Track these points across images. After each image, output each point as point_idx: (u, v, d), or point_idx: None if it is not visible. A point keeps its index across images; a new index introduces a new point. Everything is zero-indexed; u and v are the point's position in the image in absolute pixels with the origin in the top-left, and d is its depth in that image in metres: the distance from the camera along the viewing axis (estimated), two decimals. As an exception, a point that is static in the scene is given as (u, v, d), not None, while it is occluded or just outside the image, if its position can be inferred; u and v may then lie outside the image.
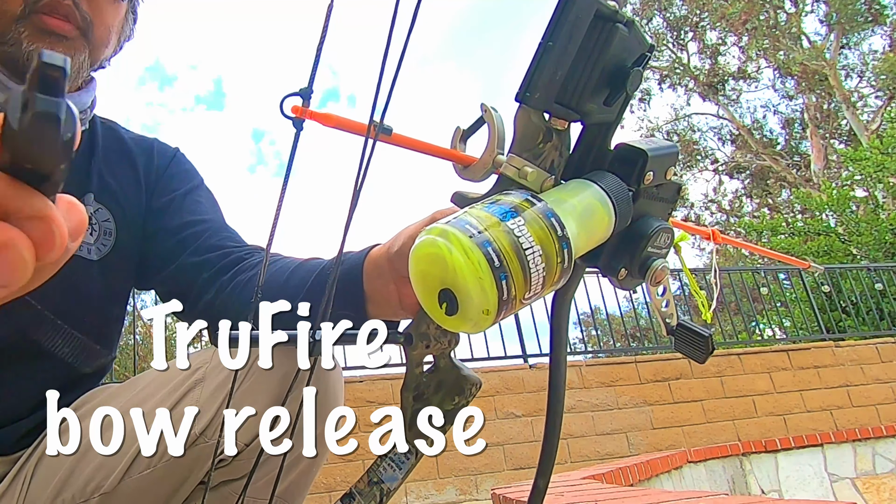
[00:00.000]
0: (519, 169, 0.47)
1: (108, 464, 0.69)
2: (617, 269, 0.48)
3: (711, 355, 0.53)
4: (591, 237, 0.44)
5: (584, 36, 0.43)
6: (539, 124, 0.46)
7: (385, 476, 0.58)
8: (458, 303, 0.39)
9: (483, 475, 4.22)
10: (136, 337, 7.00)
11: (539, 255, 0.39)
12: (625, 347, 7.16)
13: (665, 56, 18.62)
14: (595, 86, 0.44)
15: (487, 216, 0.40)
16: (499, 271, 0.38)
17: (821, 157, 16.16)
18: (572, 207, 0.43)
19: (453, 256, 0.38)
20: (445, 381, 0.57)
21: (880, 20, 16.05)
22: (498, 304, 0.38)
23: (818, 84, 16.72)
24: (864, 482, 4.36)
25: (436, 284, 0.40)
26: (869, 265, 7.36)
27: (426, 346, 0.56)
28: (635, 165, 0.47)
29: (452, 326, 0.42)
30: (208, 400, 0.69)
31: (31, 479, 0.72)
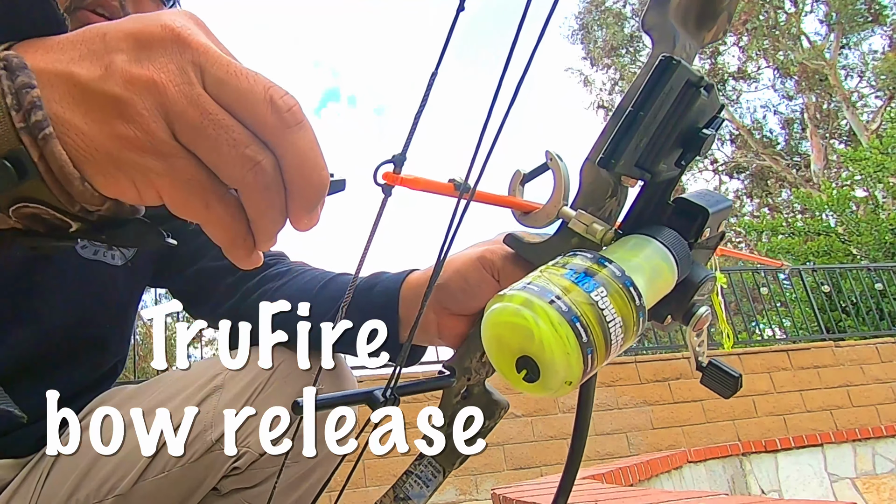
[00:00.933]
0: (588, 226, 0.47)
1: (123, 466, 0.69)
2: (664, 316, 0.48)
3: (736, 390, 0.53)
4: (657, 296, 0.45)
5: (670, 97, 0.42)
6: (609, 180, 0.46)
7: (412, 493, 0.58)
8: (540, 373, 0.39)
9: (483, 475, 4.23)
10: (135, 337, 7.00)
11: (620, 326, 0.39)
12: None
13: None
14: (671, 146, 0.44)
15: (570, 285, 0.39)
16: (586, 346, 0.37)
17: (821, 157, 16.16)
18: (640, 269, 0.43)
19: (540, 329, 0.37)
20: (476, 406, 0.58)
21: (880, 20, 16.05)
22: (581, 377, 0.38)
23: (818, 84, 16.73)
24: (864, 482, 4.36)
25: (515, 351, 0.39)
26: (869, 265, 7.36)
27: (468, 379, 0.57)
28: (695, 222, 0.46)
29: (529, 392, 0.41)
30: (227, 407, 0.68)
31: (46, 479, 0.73)
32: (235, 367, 0.71)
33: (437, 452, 0.56)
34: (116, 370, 0.88)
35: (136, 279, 0.86)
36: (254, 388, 0.69)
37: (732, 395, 0.53)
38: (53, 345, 0.78)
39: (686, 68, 0.42)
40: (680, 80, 0.42)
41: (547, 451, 4.42)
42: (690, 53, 0.45)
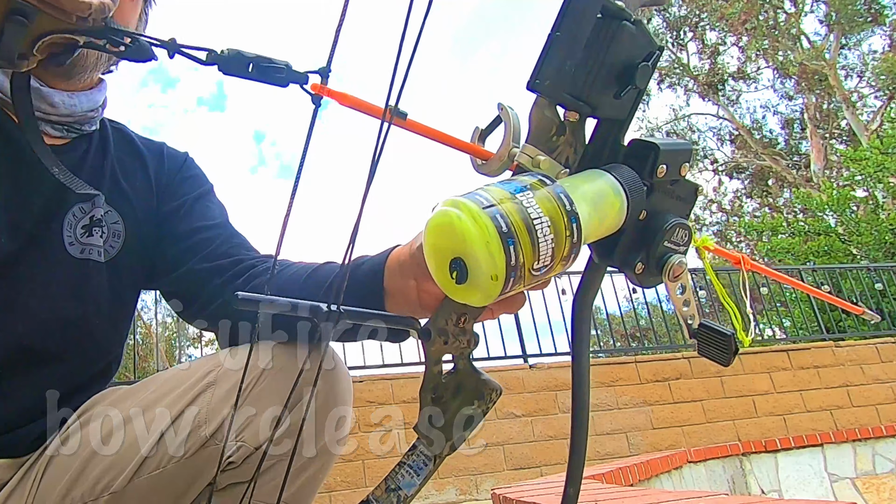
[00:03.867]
0: (532, 157, 0.48)
1: (117, 464, 0.69)
2: (633, 263, 0.50)
3: (736, 356, 0.52)
4: (603, 221, 0.46)
5: (591, 30, 0.45)
6: (552, 118, 0.48)
7: (403, 483, 0.58)
8: (468, 270, 0.41)
9: (483, 475, 4.23)
10: (136, 337, 7.00)
11: (547, 225, 0.41)
12: (625, 347, 7.15)
13: (664, 56, 18.62)
14: (605, 79, 0.46)
15: (499, 190, 0.42)
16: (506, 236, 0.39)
17: (821, 157, 16.16)
18: (584, 191, 0.45)
19: (463, 223, 0.40)
20: (464, 385, 0.57)
21: (880, 20, 16.05)
22: (506, 270, 0.40)
23: (818, 84, 16.72)
24: (864, 482, 4.36)
25: (447, 255, 0.42)
26: (869, 265, 7.36)
27: (444, 342, 0.56)
28: (647, 158, 0.48)
29: (462, 296, 0.43)
30: (219, 403, 0.69)
31: (42, 478, 0.73)
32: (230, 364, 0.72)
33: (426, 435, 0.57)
34: (110, 370, 0.88)
35: (121, 277, 0.86)
36: (247, 384, 0.69)
37: (731, 360, 0.52)
38: (43, 339, 0.78)
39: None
40: (594, 5, 0.44)
41: (547, 451, 4.42)
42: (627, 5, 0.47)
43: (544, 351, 5.10)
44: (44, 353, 0.79)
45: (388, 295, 0.69)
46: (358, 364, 4.52)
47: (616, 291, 5.57)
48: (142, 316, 12.29)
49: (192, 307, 0.86)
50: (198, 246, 0.87)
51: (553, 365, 4.81)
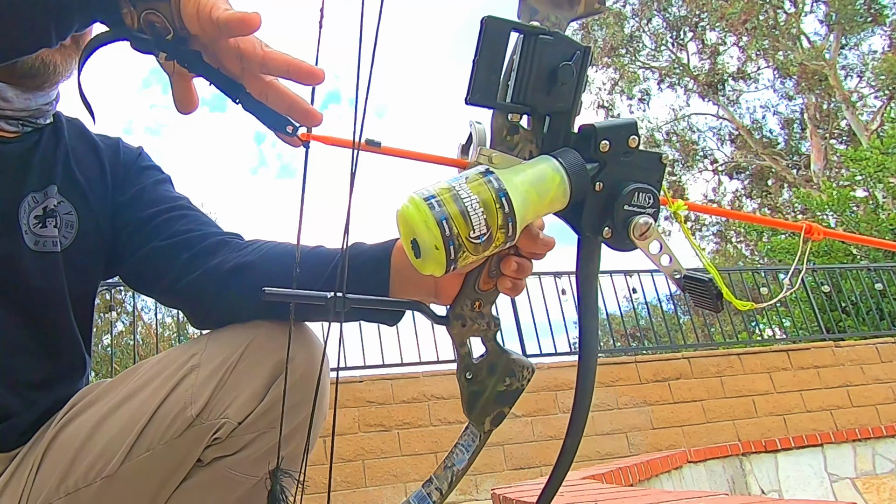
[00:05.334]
0: (488, 157, 0.57)
1: (110, 449, 0.72)
2: (601, 227, 0.58)
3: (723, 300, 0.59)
4: (544, 196, 0.55)
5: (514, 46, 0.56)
6: (502, 122, 0.57)
7: (456, 460, 0.66)
8: (420, 246, 0.52)
9: (483, 475, 4.23)
10: (136, 337, 7.00)
11: (476, 201, 0.52)
12: (625, 347, 7.16)
13: (664, 56, 18.63)
14: (536, 82, 0.55)
15: (440, 183, 0.53)
16: (439, 214, 0.51)
17: (821, 157, 16.16)
18: (523, 175, 0.55)
19: (410, 210, 0.52)
20: (496, 365, 0.64)
21: (880, 20, 16.05)
22: (443, 240, 0.51)
23: (818, 84, 16.73)
24: (864, 482, 4.36)
25: (409, 237, 0.53)
26: (869, 265, 7.36)
27: (462, 325, 0.64)
28: (590, 138, 0.57)
29: (422, 267, 0.54)
30: (203, 384, 0.73)
31: (38, 470, 0.75)
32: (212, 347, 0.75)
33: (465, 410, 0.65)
34: (83, 362, 0.89)
35: (75, 266, 0.86)
36: (229, 363, 0.73)
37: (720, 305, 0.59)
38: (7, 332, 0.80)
39: (507, 21, 0.55)
40: (502, 31, 0.54)
41: (547, 451, 4.42)
42: (556, 23, 0.57)
43: (544, 351, 5.11)
44: (10, 347, 0.80)
45: (400, 282, 0.74)
46: (358, 364, 4.52)
47: (616, 291, 5.57)
48: (142, 316, 12.28)
49: (158, 284, 0.86)
50: (161, 226, 0.88)
51: (553, 365, 4.81)
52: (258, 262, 0.79)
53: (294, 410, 0.74)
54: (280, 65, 0.58)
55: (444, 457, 0.66)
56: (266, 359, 0.73)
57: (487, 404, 0.64)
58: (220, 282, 0.79)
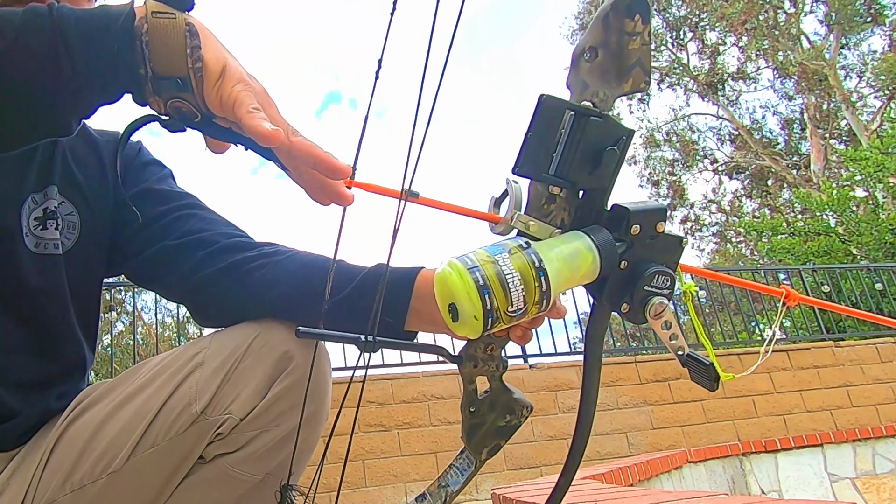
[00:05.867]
0: (525, 223, 0.60)
1: (115, 445, 0.73)
2: (619, 303, 0.61)
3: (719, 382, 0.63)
4: (576, 272, 0.58)
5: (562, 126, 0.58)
6: (542, 191, 0.61)
7: (451, 481, 0.70)
8: (458, 312, 0.54)
9: (483, 475, 4.23)
10: (136, 337, 7.01)
11: (518, 279, 0.54)
12: (625, 347, 7.15)
13: (664, 56, 18.62)
14: (580, 160, 0.58)
15: (484, 253, 0.55)
16: (483, 288, 0.53)
17: (821, 157, 16.16)
18: (559, 250, 0.58)
19: (453, 278, 0.54)
20: (498, 402, 0.70)
21: (879, 20, 16.05)
22: (483, 312, 0.53)
23: (818, 84, 16.73)
24: (864, 482, 4.36)
25: (446, 300, 0.56)
26: (869, 265, 7.36)
27: (474, 365, 0.68)
28: (622, 220, 0.60)
29: (458, 331, 0.56)
30: (207, 381, 0.74)
31: (45, 468, 0.76)
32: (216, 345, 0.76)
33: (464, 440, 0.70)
34: (84, 361, 0.89)
35: (78, 267, 0.87)
36: (233, 361, 0.74)
37: (716, 386, 0.63)
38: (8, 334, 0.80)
39: (564, 102, 0.57)
40: (558, 111, 0.57)
41: (547, 451, 4.42)
42: (604, 99, 0.59)
43: (544, 351, 5.11)
44: (9, 347, 0.80)
45: (411, 311, 0.78)
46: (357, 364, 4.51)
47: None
48: (142, 316, 12.29)
49: (167, 280, 0.88)
50: (171, 225, 0.88)
51: (553, 365, 4.81)
52: (280, 266, 0.81)
53: (293, 412, 0.75)
54: (306, 156, 0.59)
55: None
56: (269, 356, 0.74)
57: (486, 437, 0.69)
58: (239, 280, 0.81)
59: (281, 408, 0.74)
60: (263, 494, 0.76)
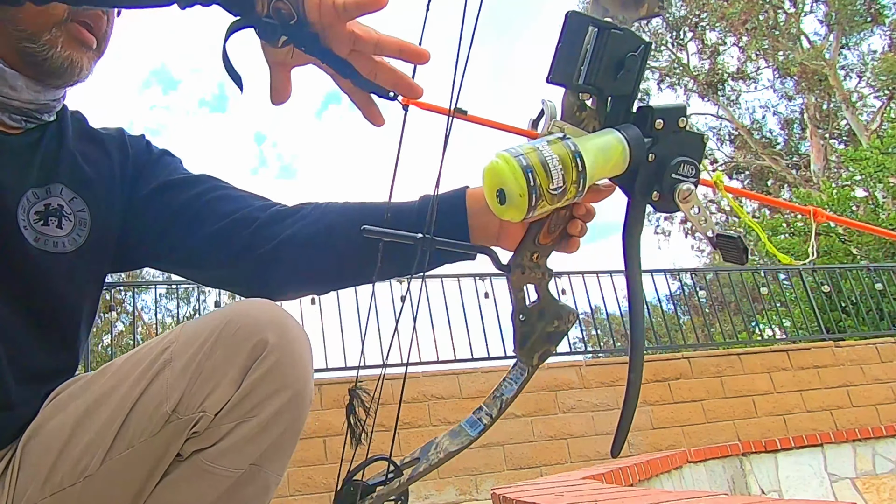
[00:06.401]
0: (560, 127, 0.67)
1: (92, 447, 0.72)
2: (650, 192, 0.69)
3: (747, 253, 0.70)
4: (609, 160, 0.66)
5: (586, 38, 0.65)
6: (573, 101, 0.68)
7: (505, 390, 0.75)
8: (506, 194, 0.62)
9: (483, 475, 4.23)
10: (136, 337, 7.00)
11: (557, 160, 0.62)
12: (625, 347, 7.14)
13: (664, 56, 18.62)
14: (605, 68, 0.66)
15: (527, 145, 0.64)
16: (526, 168, 0.61)
17: (821, 157, 16.16)
18: (594, 142, 0.66)
19: (500, 165, 0.62)
20: (547, 310, 0.75)
21: (880, 20, 16.05)
22: (528, 188, 0.61)
23: (818, 84, 16.72)
24: (864, 482, 4.36)
25: (495, 186, 0.63)
26: (869, 265, 7.36)
27: (521, 272, 0.74)
28: (647, 117, 0.68)
29: (502, 213, 0.64)
30: (177, 379, 0.72)
31: (20, 469, 0.74)
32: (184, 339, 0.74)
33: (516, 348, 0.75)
34: (76, 358, 0.89)
35: (87, 265, 0.87)
36: (202, 354, 0.72)
37: (745, 258, 0.69)
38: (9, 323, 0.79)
39: (587, 16, 0.65)
40: (583, 25, 0.65)
41: (547, 451, 4.42)
42: (623, 22, 0.67)
43: (544, 351, 5.10)
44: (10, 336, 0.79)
45: (471, 229, 0.83)
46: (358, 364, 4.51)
47: (616, 291, 5.57)
48: (142, 316, 12.29)
49: (211, 266, 0.90)
50: (204, 211, 0.90)
51: (553, 365, 4.81)
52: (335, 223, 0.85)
53: (271, 399, 0.73)
54: (393, 47, 0.66)
55: None
56: (240, 345, 0.72)
57: (536, 343, 0.74)
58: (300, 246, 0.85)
59: (258, 397, 0.72)
60: (251, 487, 0.75)
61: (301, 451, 3.98)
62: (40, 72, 0.81)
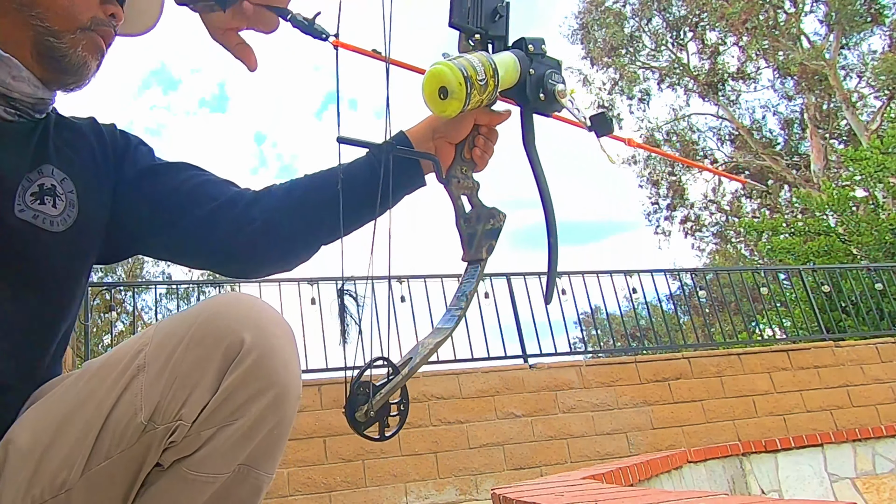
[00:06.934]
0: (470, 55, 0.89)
1: (69, 459, 0.69)
2: (537, 95, 0.90)
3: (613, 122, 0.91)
4: (508, 69, 0.87)
5: None
6: (465, 43, 0.90)
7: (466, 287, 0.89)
8: (447, 89, 0.79)
9: (483, 475, 4.23)
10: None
11: (478, 61, 0.82)
12: (625, 347, 7.16)
13: (664, 56, 18.62)
14: (485, 16, 0.90)
15: (456, 55, 0.83)
16: (460, 65, 0.80)
17: (821, 157, 16.16)
18: (500, 55, 0.88)
19: (440, 68, 0.79)
20: (481, 214, 0.91)
21: (880, 20, 16.05)
22: (464, 78, 0.79)
23: (818, 84, 16.73)
24: (864, 482, 4.37)
25: (436, 86, 0.80)
26: (869, 265, 7.36)
27: (458, 181, 0.93)
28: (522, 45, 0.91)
29: (444, 108, 0.80)
30: (151, 387, 0.69)
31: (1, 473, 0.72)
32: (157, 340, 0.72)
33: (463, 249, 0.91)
34: (66, 337, 0.88)
35: (76, 246, 0.86)
36: (175, 359, 0.70)
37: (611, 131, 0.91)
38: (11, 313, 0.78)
39: None
40: None
41: (547, 451, 4.42)
42: None
43: (544, 351, 5.11)
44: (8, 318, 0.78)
45: None
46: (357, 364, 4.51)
47: (616, 291, 5.57)
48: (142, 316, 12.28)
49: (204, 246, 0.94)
50: (194, 193, 0.94)
51: (553, 365, 4.81)
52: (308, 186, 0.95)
53: (253, 401, 0.70)
54: None
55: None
56: (214, 347, 0.69)
57: (481, 240, 0.90)
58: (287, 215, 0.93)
59: (238, 400, 0.69)
60: (242, 488, 0.73)
61: (301, 451, 3.98)
62: (56, 68, 0.84)
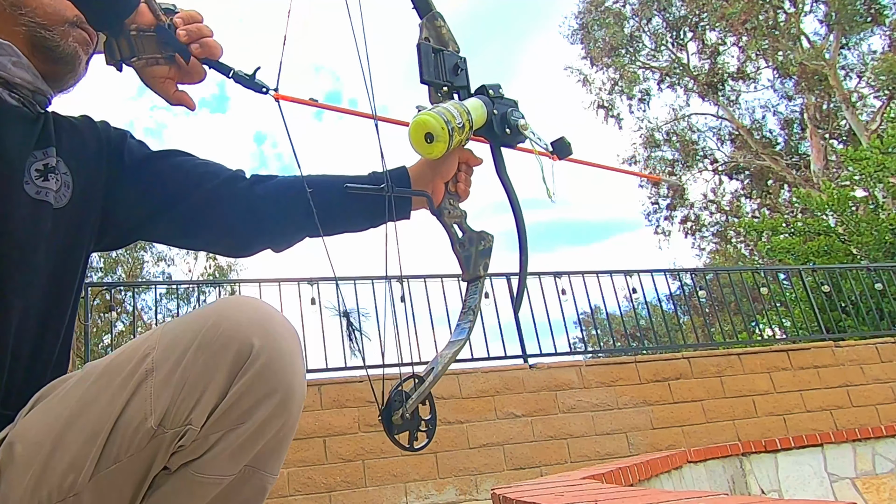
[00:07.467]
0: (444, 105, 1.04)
1: (77, 462, 0.69)
2: (503, 130, 1.07)
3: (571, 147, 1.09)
4: (477, 111, 1.03)
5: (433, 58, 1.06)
6: (434, 94, 1.06)
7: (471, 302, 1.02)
8: (433, 134, 0.95)
9: (483, 475, 4.23)
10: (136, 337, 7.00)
11: (453, 108, 0.98)
12: (625, 347, 7.16)
13: (664, 56, 18.62)
14: (448, 71, 1.07)
15: (434, 105, 0.99)
16: (440, 113, 0.95)
17: (821, 157, 16.16)
18: (469, 101, 1.04)
19: (425, 116, 0.95)
20: (473, 238, 1.05)
21: (879, 20, 16.05)
22: (446, 123, 0.95)
23: (818, 84, 16.72)
24: (864, 482, 4.37)
25: (423, 131, 0.95)
26: (869, 265, 7.36)
27: (448, 213, 1.07)
28: (484, 91, 1.08)
29: (431, 151, 0.96)
30: (160, 391, 0.69)
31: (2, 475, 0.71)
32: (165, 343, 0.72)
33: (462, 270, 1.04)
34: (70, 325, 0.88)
35: (69, 226, 0.88)
36: (185, 363, 0.70)
37: (571, 153, 1.09)
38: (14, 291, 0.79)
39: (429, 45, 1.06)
40: (428, 49, 1.06)
41: (547, 451, 4.42)
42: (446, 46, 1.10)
43: (544, 351, 5.11)
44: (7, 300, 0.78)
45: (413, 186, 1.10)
46: (357, 364, 4.52)
47: (616, 291, 5.57)
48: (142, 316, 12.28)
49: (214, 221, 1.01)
50: (194, 174, 1.02)
51: (553, 365, 4.81)
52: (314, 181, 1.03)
53: (260, 405, 0.70)
54: None
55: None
56: (224, 351, 0.70)
57: (477, 261, 1.03)
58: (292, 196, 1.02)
59: (246, 404, 0.70)
60: (247, 488, 0.73)
61: (301, 451, 3.98)
62: (50, 58, 0.88)
